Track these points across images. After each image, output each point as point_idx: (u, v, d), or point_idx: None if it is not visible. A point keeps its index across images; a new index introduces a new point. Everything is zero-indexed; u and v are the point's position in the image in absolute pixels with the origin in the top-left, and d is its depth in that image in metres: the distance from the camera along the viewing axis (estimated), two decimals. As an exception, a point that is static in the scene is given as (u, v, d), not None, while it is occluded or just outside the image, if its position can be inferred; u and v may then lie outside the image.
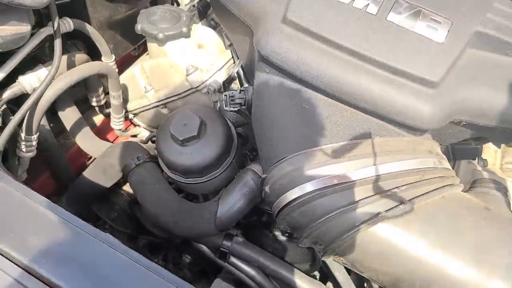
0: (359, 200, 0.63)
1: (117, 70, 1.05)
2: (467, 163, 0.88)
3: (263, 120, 0.76)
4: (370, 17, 0.68)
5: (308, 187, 0.65)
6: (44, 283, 0.52)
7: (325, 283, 0.97)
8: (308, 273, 0.95)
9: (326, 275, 1.02)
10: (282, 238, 0.99)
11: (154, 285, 0.55)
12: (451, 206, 0.66)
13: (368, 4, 0.69)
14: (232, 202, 0.85)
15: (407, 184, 0.65)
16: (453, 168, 0.85)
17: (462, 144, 0.83)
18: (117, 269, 0.56)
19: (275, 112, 0.74)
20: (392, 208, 0.62)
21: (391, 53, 0.66)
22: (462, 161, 0.89)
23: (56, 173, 1.09)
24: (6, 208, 0.62)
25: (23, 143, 0.84)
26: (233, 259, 0.91)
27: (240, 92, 0.83)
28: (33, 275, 0.53)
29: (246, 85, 0.98)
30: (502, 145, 0.98)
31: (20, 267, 0.54)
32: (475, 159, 0.88)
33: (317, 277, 1.06)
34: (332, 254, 0.68)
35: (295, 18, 0.70)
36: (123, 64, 1.18)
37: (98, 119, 1.24)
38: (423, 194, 0.64)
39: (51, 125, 1.04)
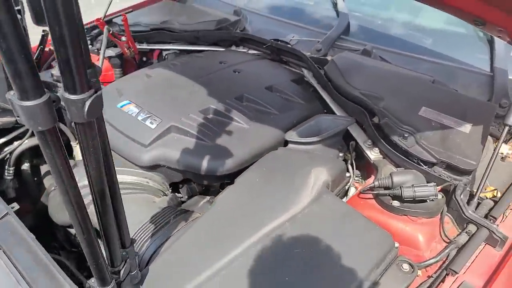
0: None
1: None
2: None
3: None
4: (132, 116, 1.57)
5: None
6: None
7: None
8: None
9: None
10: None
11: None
12: (137, 198, 1.41)
13: (134, 111, 1.59)
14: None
15: (124, 187, 1.43)
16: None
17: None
18: None
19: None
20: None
21: (134, 131, 1.52)
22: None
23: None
24: None
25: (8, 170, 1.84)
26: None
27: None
28: None
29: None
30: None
31: None
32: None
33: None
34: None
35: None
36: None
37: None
38: (128, 191, 1.42)
39: (35, 178, 2.04)
